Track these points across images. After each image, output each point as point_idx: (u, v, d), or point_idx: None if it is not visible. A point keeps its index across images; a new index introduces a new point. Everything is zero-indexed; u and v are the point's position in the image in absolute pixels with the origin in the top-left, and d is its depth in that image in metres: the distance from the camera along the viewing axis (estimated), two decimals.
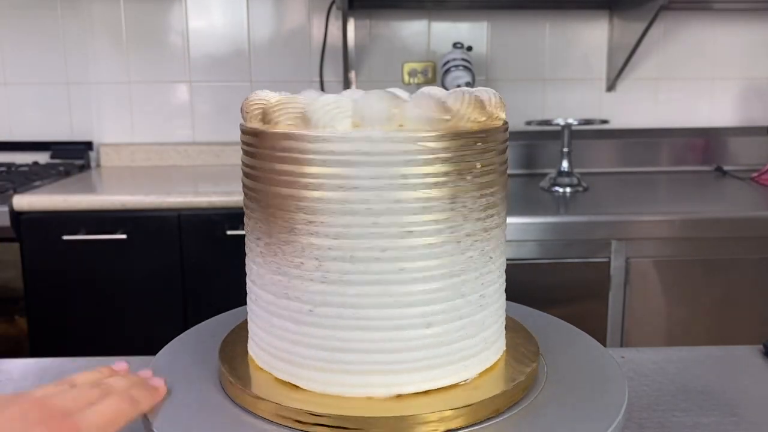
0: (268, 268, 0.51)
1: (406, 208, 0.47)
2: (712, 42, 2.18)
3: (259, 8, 2.11)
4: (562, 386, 0.53)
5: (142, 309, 1.68)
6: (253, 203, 0.53)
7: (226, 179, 1.92)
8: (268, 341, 0.52)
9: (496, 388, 0.50)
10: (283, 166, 0.49)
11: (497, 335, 0.55)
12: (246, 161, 0.53)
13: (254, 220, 0.53)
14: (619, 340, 1.60)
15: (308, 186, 0.48)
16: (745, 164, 2.11)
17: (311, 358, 0.50)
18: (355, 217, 0.47)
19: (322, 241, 0.48)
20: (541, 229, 1.55)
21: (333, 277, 0.48)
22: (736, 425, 0.63)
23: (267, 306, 0.52)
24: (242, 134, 0.53)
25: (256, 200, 0.52)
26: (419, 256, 0.48)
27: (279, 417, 0.48)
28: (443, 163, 0.48)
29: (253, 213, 0.53)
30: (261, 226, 0.52)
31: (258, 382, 0.52)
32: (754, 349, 0.79)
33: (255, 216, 0.52)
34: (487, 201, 0.51)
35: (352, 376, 0.49)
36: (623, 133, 2.16)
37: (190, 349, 0.60)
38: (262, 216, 0.51)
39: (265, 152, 0.50)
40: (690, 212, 1.60)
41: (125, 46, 2.11)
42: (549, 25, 2.15)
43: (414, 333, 0.49)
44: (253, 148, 0.51)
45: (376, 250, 0.47)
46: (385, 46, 2.14)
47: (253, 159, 0.52)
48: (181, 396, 0.52)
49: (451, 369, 0.51)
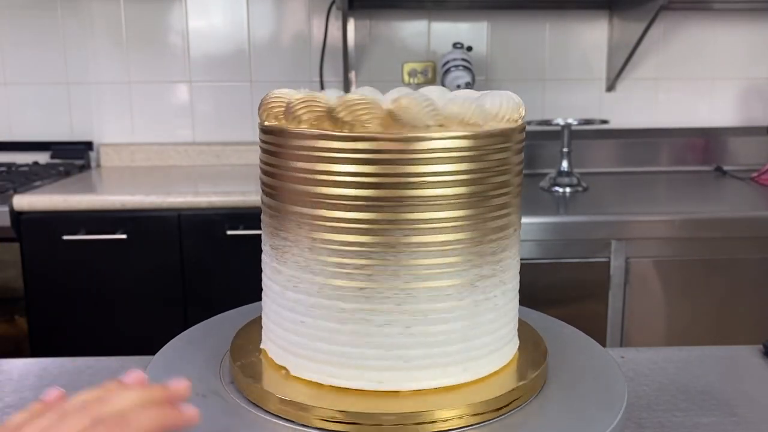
0: (286, 264, 0.52)
1: (423, 205, 0.48)
2: (712, 42, 2.18)
3: (259, 8, 2.11)
4: (563, 386, 0.54)
5: (142, 309, 1.68)
6: (271, 200, 0.53)
7: (226, 179, 1.92)
8: (283, 336, 0.53)
9: (507, 386, 0.51)
10: (306, 164, 0.49)
11: (510, 335, 0.55)
12: (265, 159, 0.53)
13: (272, 217, 0.53)
14: (619, 340, 1.60)
15: (326, 183, 0.48)
16: (745, 164, 2.11)
17: (326, 353, 0.50)
18: (371, 214, 0.47)
19: (342, 237, 0.48)
20: (540, 229, 1.55)
21: (352, 273, 0.48)
22: (736, 425, 0.63)
23: (281, 300, 0.52)
24: (262, 133, 0.54)
25: (273, 197, 0.52)
26: (435, 253, 0.48)
27: (284, 411, 0.48)
28: (467, 162, 0.48)
29: (270, 209, 0.53)
30: (278, 221, 0.52)
31: (270, 377, 0.52)
32: (754, 349, 0.79)
33: (273, 212, 0.53)
34: (503, 200, 0.51)
35: (364, 371, 0.49)
36: (623, 133, 2.16)
37: (190, 349, 0.60)
38: (281, 213, 0.51)
39: (286, 151, 0.50)
40: (690, 212, 1.60)
41: (125, 46, 2.11)
42: (549, 25, 2.15)
43: (429, 329, 0.49)
44: (273, 146, 0.52)
45: (395, 246, 0.48)
46: (385, 46, 2.14)
47: (273, 157, 0.52)
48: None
49: (464, 367, 0.51)
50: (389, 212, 0.47)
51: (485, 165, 0.49)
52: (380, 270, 0.48)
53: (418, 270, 0.48)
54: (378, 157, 0.47)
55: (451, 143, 0.48)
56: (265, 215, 0.54)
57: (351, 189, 0.48)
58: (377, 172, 0.47)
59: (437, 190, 0.48)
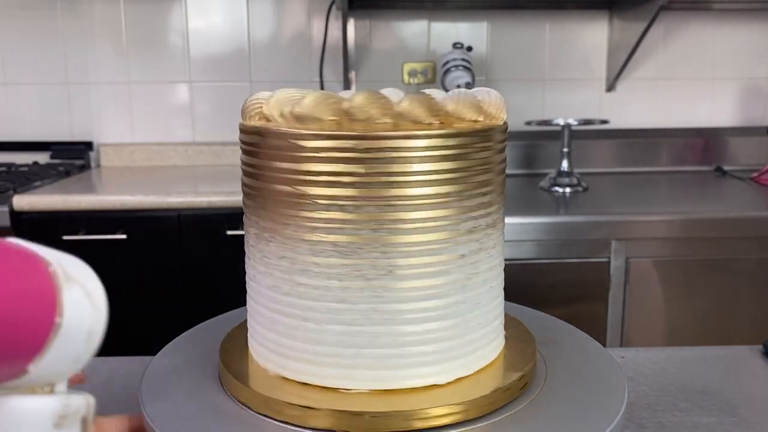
0: (268, 265, 0.52)
1: (404, 205, 0.48)
2: (712, 42, 2.18)
3: (259, 8, 2.11)
4: (562, 386, 0.54)
5: (142, 309, 1.68)
6: (252, 201, 0.53)
7: (226, 179, 1.92)
8: (268, 337, 0.53)
9: (493, 384, 0.51)
10: (283, 163, 0.49)
11: (496, 332, 0.55)
12: (246, 160, 0.53)
13: (254, 218, 0.53)
14: (619, 340, 1.60)
15: (307, 183, 0.48)
16: (745, 164, 2.11)
17: (310, 353, 0.50)
18: (353, 214, 0.47)
19: (321, 237, 0.48)
20: (540, 229, 1.55)
21: (332, 273, 0.48)
22: (736, 425, 0.63)
23: (267, 302, 0.52)
24: (241, 133, 0.54)
25: (255, 198, 0.52)
26: (417, 252, 0.48)
27: (278, 413, 0.48)
28: (445, 161, 0.48)
29: (252, 211, 0.53)
30: (260, 223, 0.52)
31: (258, 379, 0.52)
32: (754, 349, 0.79)
33: (255, 214, 0.53)
34: (485, 199, 0.51)
35: (351, 370, 0.49)
36: (623, 133, 2.16)
37: (190, 349, 0.60)
38: (263, 214, 0.51)
39: (264, 150, 0.50)
40: (690, 212, 1.60)
41: (125, 47, 2.11)
42: (549, 25, 2.15)
43: (412, 329, 0.49)
44: (253, 146, 0.52)
45: (376, 246, 0.48)
46: (385, 46, 2.14)
47: (252, 157, 0.52)
48: (181, 396, 0.52)
49: (449, 365, 0.51)
50: (372, 212, 0.47)
51: (467, 164, 0.49)
52: (365, 270, 0.48)
53: (403, 269, 0.48)
54: (359, 156, 0.47)
55: (430, 142, 0.48)
56: (246, 216, 0.54)
57: (324, 188, 0.48)
58: (359, 172, 0.47)
59: (419, 190, 0.48)
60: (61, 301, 0.29)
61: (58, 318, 0.28)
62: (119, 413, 0.49)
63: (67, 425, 0.28)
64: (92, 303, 0.30)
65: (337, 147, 0.47)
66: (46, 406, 0.28)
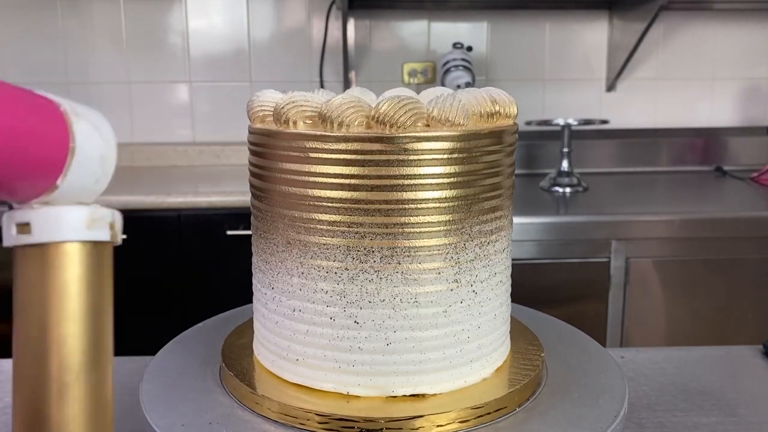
0: (274, 267, 0.51)
1: (413, 208, 0.47)
2: (712, 42, 2.18)
3: (259, 8, 2.11)
4: (563, 386, 0.53)
5: (142, 309, 1.68)
6: (259, 202, 0.53)
7: (226, 179, 1.92)
8: (274, 341, 0.52)
9: (501, 390, 0.50)
10: (291, 165, 0.49)
11: (503, 337, 0.55)
12: (254, 161, 0.53)
13: (262, 219, 0.53)
14: (619, 340, 1.60)
15: (315, 185, 0.48)
16: (745, 164, 2.11)
17: (317, 358, 0.50)
18: (362, 217, 0.47)
19: (330, 240, 0.48)
20: (541, 229, 1.55)
21: (340, 277, 0.48)
22: (736, 425, 0.63)
23: (272, 305, 0.52)
24: (251, 134, 0.53)
25: (262, 199, 0.52)
26: (426, 257, 0.48)
27: (282, 416, 0.48)
28: (454, 165, 0.48)
29: (260, 212, 0.53)
30: (268, 224, 0.52)
31: (262, 381, 0.52)
32: (754, 349, 0.79)
33: (262, 215, 0.52)
34: (494, 203, 0.51)
35: (358, 376, 0.49)
36: (623, 133, 2.16)
37: (190, 349, 0.60)
38: (270, 215, 0.51)
39: (276, 152, 0.50)
40: (690, 212, 1.60)
41: (125, 46, 2.11)
42: (549, 25, 2.15)
43: (421, 334, 0.49)
44: (262, 147, 0.51)
45: (385, 249, 0.47)
46: (385, 46, 2.14)
47: (261, 159, 0.52)
48: (181, 396, 0.52)
49: (457, 371, 0.51)
50: (381, 215, 0.47)
51: (476, 167, 0.49)
52: (374, 274, 0.48)
53: (409, 274, 0.48)
54: (366, 158, 0.47)
55: (440, 144, 0.47)
56: (254, 218, 0.54)
57: (336, 191, 0.47)
58: (365, 174, 0.47)
59: (427, 193, 0.47)
60: (73, 131, 0.35)
61: (72, 143, 0.35)
62: (119, 413, 0.49)
63: (98, 227, 0.34)
64: (101, 134, 0.36)
65: (347, 149, 0.47)
66: (79, 210, 0.34)
